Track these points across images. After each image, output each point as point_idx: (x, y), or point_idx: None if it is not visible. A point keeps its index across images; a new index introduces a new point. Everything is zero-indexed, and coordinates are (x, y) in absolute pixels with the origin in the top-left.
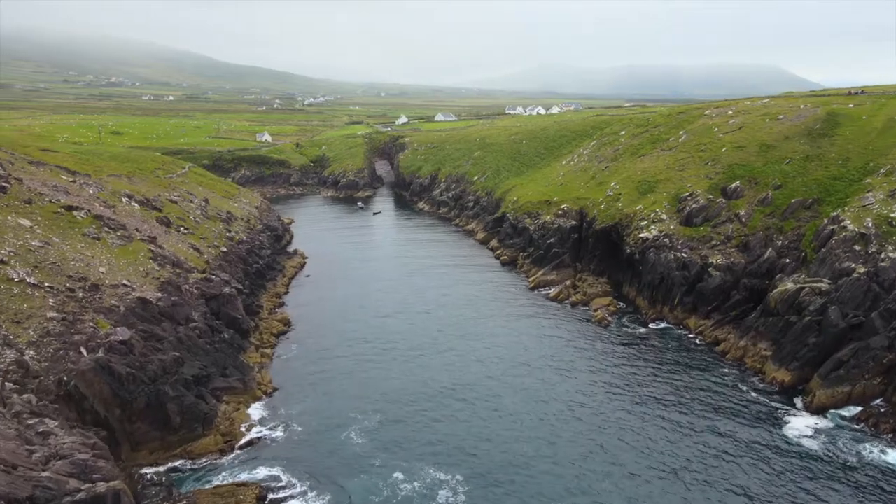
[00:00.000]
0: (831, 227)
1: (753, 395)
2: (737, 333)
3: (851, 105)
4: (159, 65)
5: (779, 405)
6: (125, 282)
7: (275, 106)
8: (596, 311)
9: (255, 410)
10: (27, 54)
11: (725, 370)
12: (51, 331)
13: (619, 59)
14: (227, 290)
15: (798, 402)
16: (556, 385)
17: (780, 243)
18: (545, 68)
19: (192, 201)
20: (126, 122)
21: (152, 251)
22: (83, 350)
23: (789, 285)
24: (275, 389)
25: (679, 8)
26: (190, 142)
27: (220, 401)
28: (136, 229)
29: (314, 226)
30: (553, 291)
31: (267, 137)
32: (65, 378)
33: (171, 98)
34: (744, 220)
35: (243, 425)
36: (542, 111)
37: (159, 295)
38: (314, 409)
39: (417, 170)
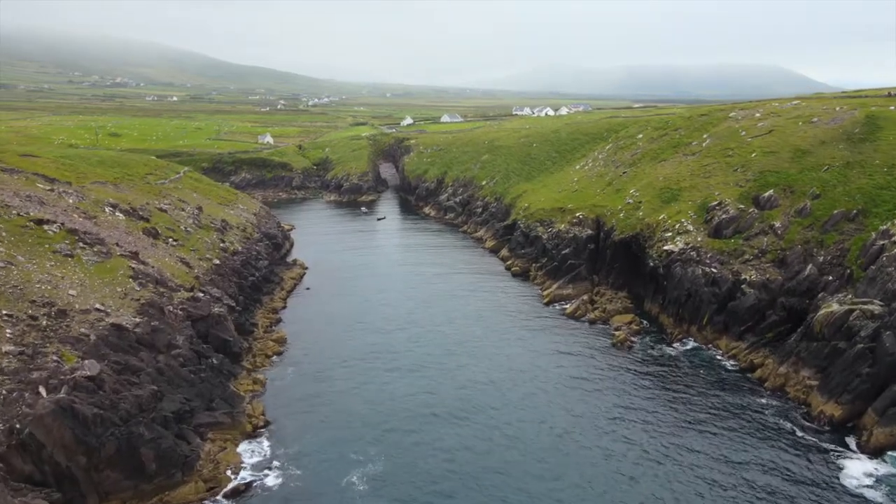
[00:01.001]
0: (881, 243)
1: (800, 433)
2: (776, 358)
3: (893, 107)
4: (162, 65)
5: (830, 445)
6: (98, 306)
7: (279, 107)
8: (617, 329)
9: (245, 449)
10: (30, 54)
11: (764, 401)
12: (4, 368)
13: (620, 59)
14: (216, 309)
15: (851, 441)
16: (581, 414)
17: (821, 259)
18: (546, 68)
19: (184, 209)
20: (126, 123)
21: (133, 268)
22: (42, 390)
23: (835, 307)
24: (267, 423)
25: (679, 8)
26: (189, 144)
27: (205, 439)
28: (117, 244)
29: (316, 232)
30: (570, 307)
31: (269, 139)
32: (18, 425)
33: (174, 98)
34: (779, 232)
35: (230, 468)
36: (551, 112)
37: (137, 320)
38: (311, 446)
39: (423, 173)
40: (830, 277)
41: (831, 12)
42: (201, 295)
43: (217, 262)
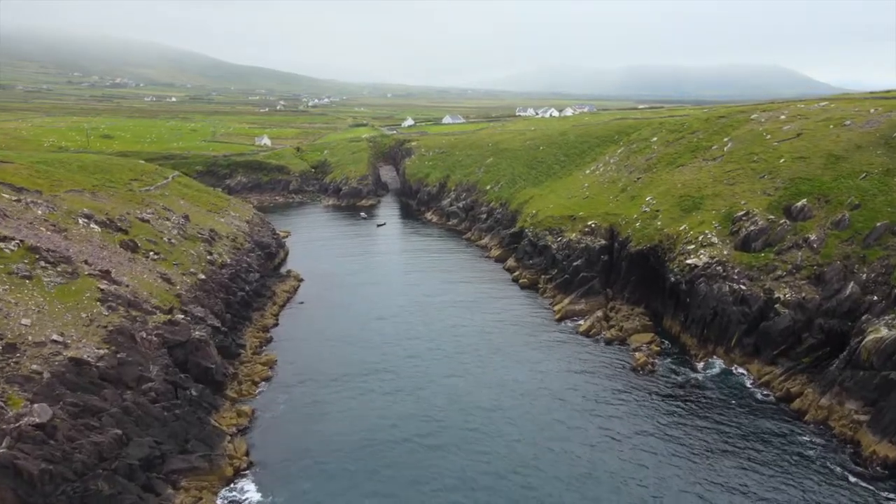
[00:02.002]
0: None
1: (852, 478)
2: (816, 388)
3: None
4: (162, 65)
5: (887, 492)
6: (56, 336)
7: (278, 107)
8: (636, 350)
9: (224, 499)
10: (30, 54)
11: (806, 438)
12: None
13: (621, 60)
14: (196, 334)
15: None
16: (603, 448)
17: (863, 276)
18: (546, 68)
19: (168, 219)
20: (120, 124)
21: (102, 290)
22: None
23: (884, 332)
24: (251, 464)
25: (679, 8)
26: (184, 146)
27: (177, 488)
28: (86, 261)
29: (312, 239)
30: (583, 324)
31: (266, 141)
32: None
33: (173, 99)
34: (815, 246)
35: None
36: (556, 113)
37: (101, 352)
38: (300, 491)
39: (425, 177)
40: (875, 297)
41: (831, 12)
42: (181, 317)
43: (202, 276)
